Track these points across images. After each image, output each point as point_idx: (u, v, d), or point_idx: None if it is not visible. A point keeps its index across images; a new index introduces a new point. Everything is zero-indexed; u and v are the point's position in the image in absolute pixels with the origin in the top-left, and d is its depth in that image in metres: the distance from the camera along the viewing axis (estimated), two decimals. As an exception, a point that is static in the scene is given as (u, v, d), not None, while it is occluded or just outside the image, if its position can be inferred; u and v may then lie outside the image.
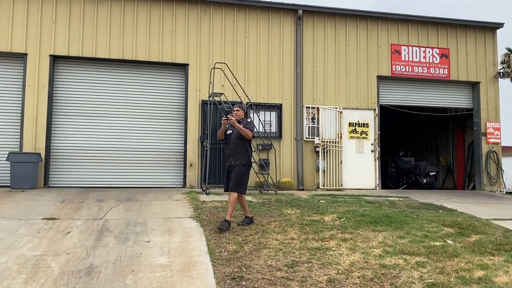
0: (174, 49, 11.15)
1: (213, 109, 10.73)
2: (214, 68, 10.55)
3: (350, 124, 12.11)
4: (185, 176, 10.95)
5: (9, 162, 9.60)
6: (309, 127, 11.79)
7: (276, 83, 11.71)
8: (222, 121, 6.08)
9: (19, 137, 10.25)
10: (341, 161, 11.86)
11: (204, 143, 10.57)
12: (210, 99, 10.41)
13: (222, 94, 10.56)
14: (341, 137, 11.98)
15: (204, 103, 11.10)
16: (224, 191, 6.40)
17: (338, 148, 11.88)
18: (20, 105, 10.31)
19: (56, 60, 10.63)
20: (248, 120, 6.37)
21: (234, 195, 6.08)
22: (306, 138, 11.74)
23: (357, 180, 11.96)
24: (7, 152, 9.80)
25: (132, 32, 10.95)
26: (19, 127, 10.29)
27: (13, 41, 10.32)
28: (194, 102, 11.11)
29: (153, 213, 7.19)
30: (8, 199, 8.07)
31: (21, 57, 10.41)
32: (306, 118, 11.79)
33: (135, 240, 5.46)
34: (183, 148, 11.09)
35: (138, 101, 11.05)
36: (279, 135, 11.62)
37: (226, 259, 4.83)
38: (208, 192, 9.44)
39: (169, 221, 6.58)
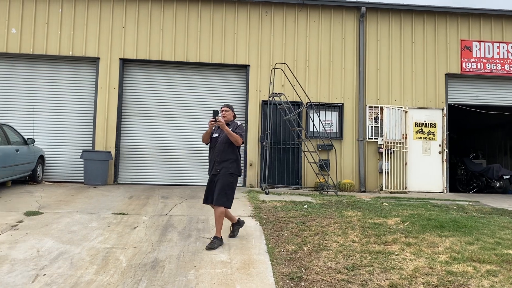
0: (236, 51, 11.33)
1: (273, 109, 10.78)
2: (275, 68, 10.59)
3: (416, 124, 11.63)
4: (245, 176, 11.09)
5: (82, 160, 10.28)
6: (372, 127, 11.48)
7: (337, 82, 11.53)
8: (209, 123, 5.13)
9: (91, 136, 10.94)
10: (406, 163, 11.42)
11: (264, 143, 10.65)
12: (270, 99, 10.48)
13: (282, 94, 10.58)
14: (406, 137, 11.54)
15: (264, 104, 11.18)
16: (203, 203, 5.43)
17: (403, 149, 11.45)
18: (93, 106, 11.00)
19: (125, 63, 11.22)
20: (238, 123, 5.41)
21: (221, 209, 5.17)
22: (368, 138, 11.44)
23: (423, 183, 11.46)
24: (81, 150, 10.49)
25: (196, 35, 11.28)
26: (92, 127, 10.98)
27: (87, 46, 11.02)
28: (254, 103, 11.23)
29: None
30: (82, 194, 8.64)
31: (94, 61, 11.10)
32: (369, 118, 11.49)
33: (197, 237, 5.63)
34: (243, 148, 11.25)
35: (201, 102, 11.36)
36: (340, 135, 11.42)
37: (285, 259, 4.83)
38: (267, 191, 9.50)
39: (229, 219, 6.70)
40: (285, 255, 4.94)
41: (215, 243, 5.13)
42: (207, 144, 5.49)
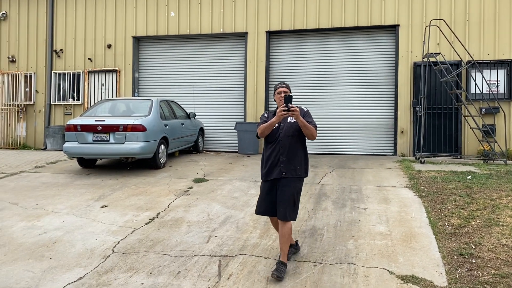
0: (384, 11, 10.64)
1: (427, 71, 9.93)
2: (430, 26, 9.67)
3: None
4: (395, 144, 10.56)
5: (236, 131, 10.99)
6: (550, 85, 9.79)
7: (505, 35, 10.02)
8: (279, 113, 3.59)
9: (243, 108, 11.59)
10: None
11: (417, 109, 9.96)
12: (424, 60, 9.65)
13: (439, 54, 9.63)
14: None
15: (416, 65, 10.36)
16: (259, 213, 4.00)
17: None
18: (243, 80, 11.58)
19: (271, 35, 11.46)
20: (304, 108, 3.93)
21: (290, 225, 3.78)
22: (545, 98, 9.81)
23: None
24: (235, 122, 11.21)
25: (340, -1, 10.91)
26: (243, 100, 11.62)
27: (236, 22, 11.53)
28: (405, 65, 10.49)
29: (366, 180, 7.21)
30: (238, 163, 9.27)
31: (242, 36, 11.60)
32: (546, 75, 9.81)
33: (352, 207, 5.58)
34: (393, 114, 10.68)
35: (346, 68, 11.05)
36: (508, 96, 10.01)
37: (450, 233, 4.49)
38: (422, 161, 8.90)
39: (383, 189, 6.49)
40: (450, 230, 4.60)
41: (283, 270, 3.69)
42: (259, 138, 4.12)
